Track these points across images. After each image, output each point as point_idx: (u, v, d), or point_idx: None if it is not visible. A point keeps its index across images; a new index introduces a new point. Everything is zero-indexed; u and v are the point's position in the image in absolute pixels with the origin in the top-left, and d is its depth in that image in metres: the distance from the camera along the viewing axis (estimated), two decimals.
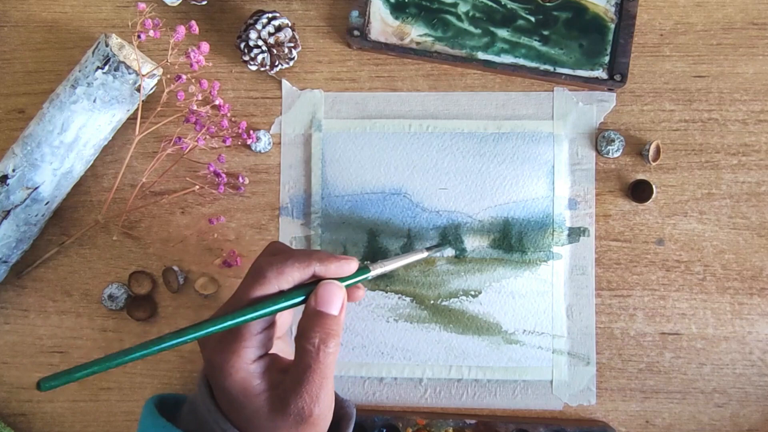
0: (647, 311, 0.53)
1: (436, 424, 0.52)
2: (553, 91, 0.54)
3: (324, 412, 0.38)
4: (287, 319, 0.46)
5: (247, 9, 0.55)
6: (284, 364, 0.40)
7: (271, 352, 0.40)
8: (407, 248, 0.53)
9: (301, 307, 0.40)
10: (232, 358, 0.38)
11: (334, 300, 0.39)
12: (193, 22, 0.50)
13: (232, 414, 0.39)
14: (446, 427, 0.52)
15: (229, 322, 0.37)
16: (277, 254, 0.41)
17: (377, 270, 0.44)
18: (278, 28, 0.52)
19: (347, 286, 0.41)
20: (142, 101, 0.52)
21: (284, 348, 0.46)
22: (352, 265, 0.41)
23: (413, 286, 0.53)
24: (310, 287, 0.40)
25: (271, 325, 0.40)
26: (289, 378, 0.38)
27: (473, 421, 0.52)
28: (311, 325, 0.39)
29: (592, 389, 0.53)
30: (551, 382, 0.53)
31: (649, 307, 0.53)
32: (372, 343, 0.53)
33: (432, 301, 0.53)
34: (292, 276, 0.39)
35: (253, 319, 0.38)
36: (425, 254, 0.50)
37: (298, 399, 0.37)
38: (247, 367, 0.38)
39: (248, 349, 0.38)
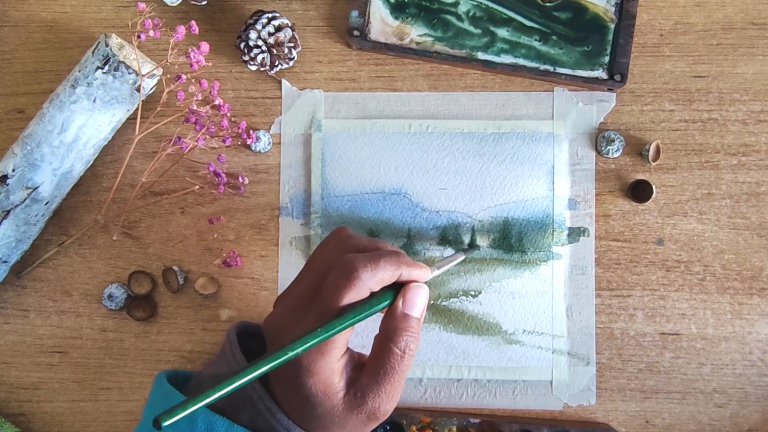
0: (647, 311, 0.53)
1: (440, 422, 0.52)
2: (553, 91, 0.54)
3: (392, 408, 0.40)
4: None
5: (247, 9, 0.55)
6: (356, 358, 0.41)
7: None
8: (407, 248, 0.53)
9: None
10: (321, 359, 0.38)
11: (419, 303, 0.40)
12: (193, 22, 0.50)
13: (296, 409, 0.39)
14: (450, 425, 0.52)
15: (330, 332, 0.37)
16: (355, 248, 0.41)
17: (431, 275, 0.44)
18: (278, 28, 0.52)
19: None
20: (142, 101, 0.52)
21: None
22: (428, 272, 0.41)
23: None
24: (391, 288, 0.40)
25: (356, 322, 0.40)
26: (366, 376, 0.39)
27: (477, 420, 0.52)
28: (399, 328, 0.39)
29: (592, 389, 0.53)
30: (551, 382, 0.53)
31: (649, 307, 0.53)
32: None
33: (432, 301, 0.53)
34: (383, 279, 0.39)
35: (351, 325, 0.38)
36: (463, 256, 0.50)
37: (375, 398, 0.38)
38: (332, 366, 0.38)
39: (336, 350, 0.38)
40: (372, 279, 0.38)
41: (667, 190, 0.53)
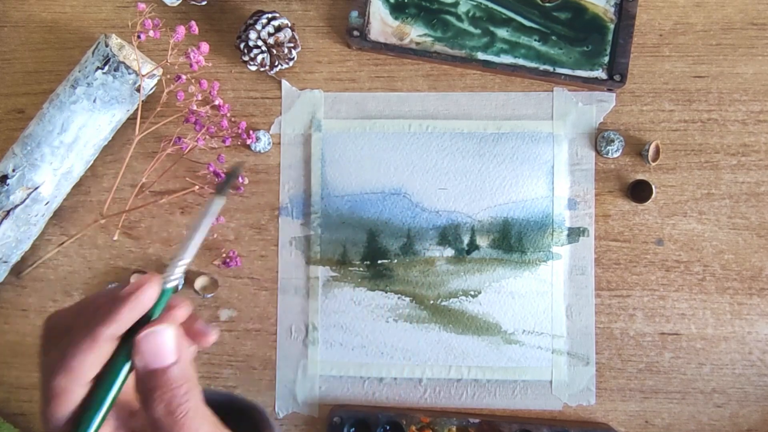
0: (647, 311, 0.53)
1: (440, 422, 0.52)
2: (552, 91, 0.54)
3: None
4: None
5: (247, 9, 0.55)
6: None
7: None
8: (407, 248, 0.53)
9: None
10: None
11: (163, 348, 0.31)
12: (193, 22, 0.50)
13: None
14: (450, 425, 0.52)
15: None
16: (55, 345, 0.31)
17: (174, 274, 0.35)
18: (278, 29, 0.52)
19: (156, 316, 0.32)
20: (142, 101, 0.52)
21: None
22: (149, 291, 0.32)
23: (413, 286, 0.53)
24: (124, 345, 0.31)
25: (110, 409, 0.31)
26: None
27: (477, 420, 0.52)
28: (150, 390, 0.30)
29: (592, 389, 0.53)
30: (551, 382, 0.53)
31: (648, 307, 0.53)
32: (372, 344, 0.53)
33: (432, 301, 0.53)
34: (88, 365, 0.29)
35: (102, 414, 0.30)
36: (223, 200, 0.35)
37: None
38: None
39: None
40: (76, 379, 0.29)
41: (667, 190, 0.53)
